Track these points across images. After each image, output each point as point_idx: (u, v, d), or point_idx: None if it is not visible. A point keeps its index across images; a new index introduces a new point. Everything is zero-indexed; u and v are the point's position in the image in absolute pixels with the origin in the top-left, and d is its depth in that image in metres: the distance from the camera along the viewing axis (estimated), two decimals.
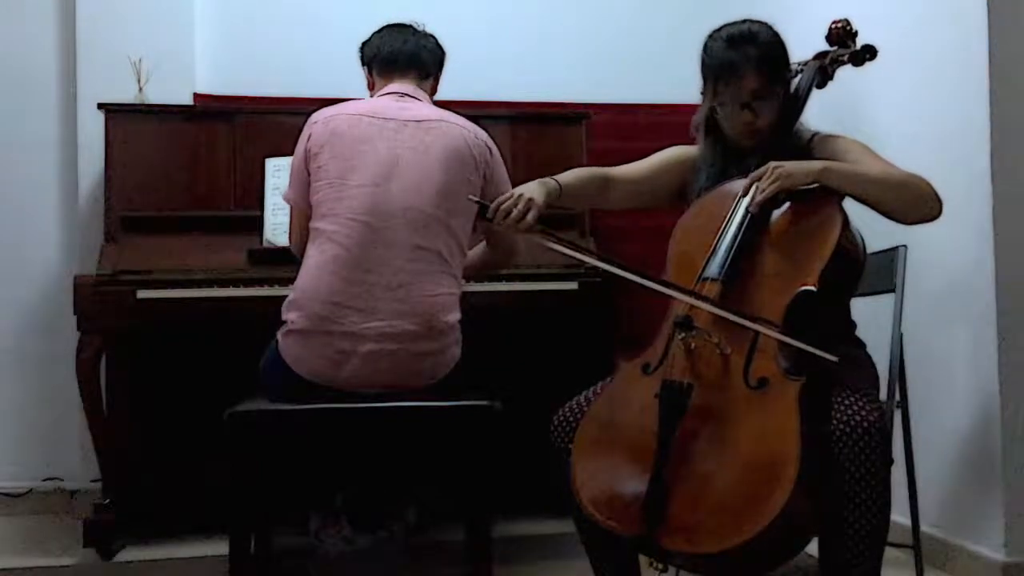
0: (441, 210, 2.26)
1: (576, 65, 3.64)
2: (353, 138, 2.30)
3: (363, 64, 2.53)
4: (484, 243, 2.54)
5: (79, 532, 2.76)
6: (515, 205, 1.97)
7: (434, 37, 2.53)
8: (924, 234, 2.12)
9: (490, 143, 2.42)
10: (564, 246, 1.93)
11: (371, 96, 2.50)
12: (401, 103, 2.38)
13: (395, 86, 2.43)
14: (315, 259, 2.25)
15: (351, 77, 2.57)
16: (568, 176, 2.14)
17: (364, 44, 2.53)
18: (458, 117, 2.41)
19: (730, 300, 1.82)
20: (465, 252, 2.37)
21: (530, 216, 1.96)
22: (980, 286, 2.43)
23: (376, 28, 2.53)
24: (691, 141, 2.20)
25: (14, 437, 3.33)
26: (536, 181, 2.06)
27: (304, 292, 2.24)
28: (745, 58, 1.98)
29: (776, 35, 2.05)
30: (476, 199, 2.13)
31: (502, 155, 2.45)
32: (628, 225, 3.14)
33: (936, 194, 1.90)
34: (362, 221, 2.22)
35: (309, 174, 2.33)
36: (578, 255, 1.94)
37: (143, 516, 2.94)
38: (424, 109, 2.39)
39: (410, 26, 2.52)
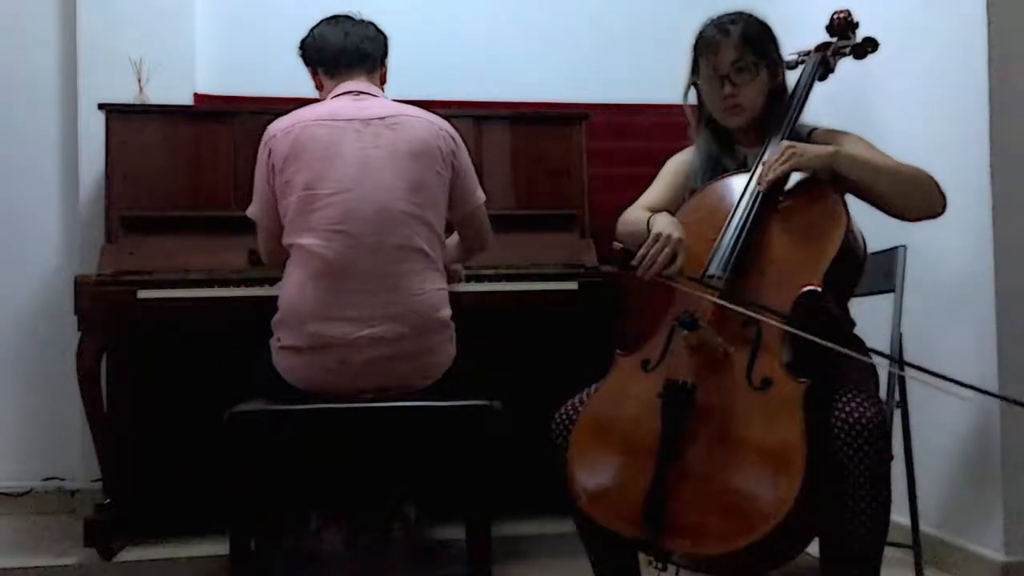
0: (415, 206, 2.23)
1: (576, 65, 3.64)
2: (316, 146, 2.24)
3: (307, 65, 2.47)
4: (456, 235, 2.51)
5: (79, 532, 2.76)
6: (663, 248, 1.86)
7: (374, 24, 2.47)
8: (924, 234, 2.12)
9: (454, 133, 2.37)
10: (689, 287, 1.83)
11: (321, 96, 2.45)
12: (359, 102, 2.33)
13: (348, 85, 2.38)
14: (298, 275, 2.22)
15: None
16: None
17: (303, 44, 2.46)
18: (419, 110, 2.37)
19: (733, 300, 1.81)
20: (444, 244, 2.34)
21: (679, 260, 1.87)
22: (980, 286, 2.43)
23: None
24: (687, 143, 2.21)
25: (14, 437, 3.34)
26: (662, 216, 1.98)
27: (291, 310, 2.21)
28: (725, 32, 2.03)
29: (761, 19, 2.08)
30: (621, 245, 1.89)
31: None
32: None
33: (942, 190, 1.91)
34: (339, 230, 2.19)
35: (275, 192, 2.28)
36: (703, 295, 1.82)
37: (143, 516, 2.94)
38: (384, 105, 2.35)
39: (348, 17, 2.45)
